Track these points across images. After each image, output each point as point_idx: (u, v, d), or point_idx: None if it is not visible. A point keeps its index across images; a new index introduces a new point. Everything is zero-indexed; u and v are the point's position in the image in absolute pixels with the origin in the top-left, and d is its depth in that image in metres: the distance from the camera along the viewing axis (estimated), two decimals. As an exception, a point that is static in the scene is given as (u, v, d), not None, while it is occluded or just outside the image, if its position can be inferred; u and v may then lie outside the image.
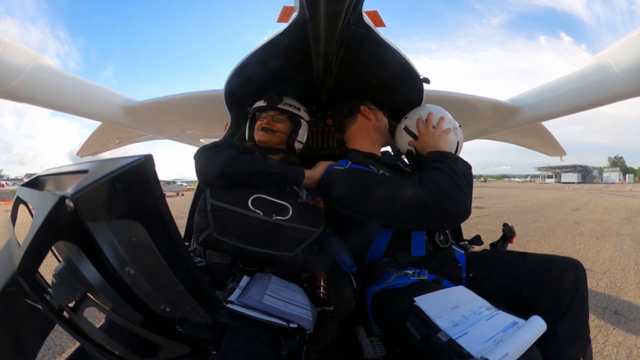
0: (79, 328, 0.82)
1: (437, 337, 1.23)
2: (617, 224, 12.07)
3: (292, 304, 1.64)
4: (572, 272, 1.59)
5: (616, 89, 2.70)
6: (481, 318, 1.32)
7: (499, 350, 1.10)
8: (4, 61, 2.60)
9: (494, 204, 21.61)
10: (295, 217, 1.81)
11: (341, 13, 1.35)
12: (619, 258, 6.73)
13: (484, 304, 1.45)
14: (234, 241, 1.73)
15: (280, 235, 1.78)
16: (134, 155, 0.72)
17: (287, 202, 1.84)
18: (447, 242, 1.89)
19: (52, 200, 0.63)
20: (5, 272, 0.89)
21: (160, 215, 0.75)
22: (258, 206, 1.78)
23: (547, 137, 5.22)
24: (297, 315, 1.57)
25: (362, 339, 2.01)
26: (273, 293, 1.65)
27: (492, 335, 1.20)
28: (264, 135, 2.16)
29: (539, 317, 1.26)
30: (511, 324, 1.25)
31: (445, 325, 1.28)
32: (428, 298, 1.49)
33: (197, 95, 3.51)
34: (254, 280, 1.73)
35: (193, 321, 0.91)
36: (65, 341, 3.37)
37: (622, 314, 4.04)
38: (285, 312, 1.54)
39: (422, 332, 1.31)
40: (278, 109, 2.20)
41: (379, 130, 2.27)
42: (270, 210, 1.78)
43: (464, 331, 1.24)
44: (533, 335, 1.19)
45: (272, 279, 1.80)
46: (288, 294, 1.73)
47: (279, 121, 2.21)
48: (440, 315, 1.35)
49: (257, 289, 1.63)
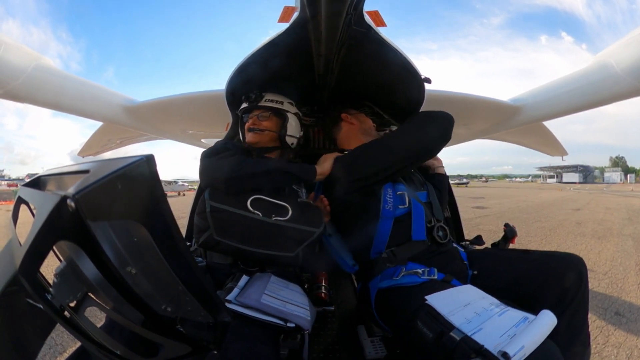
0: (80, 327, 0.83)
1: (450, 335, 1.24)
2: (618, 224, 12.05)
3: (291, 304, 1.64)
4: (574, 268, 1.60)
5: (617, 88, 2.70)
6: (493, 314, 1.33)
7: (515, 344, 1.11)
8: (5, 62, 2.61)
9: (495, 204, 21.60)
10: (295, 218, 1.81)
11: (342, 13, 1.35)
12: (621, 258, 6.72)
13: (494, 301, 1.46)
14: (234, 242, 1.73)
15: (280, 236, 1.78)
16: (135, 156, 0.73)
17: (286, 203, 1.84)
18: (445, 238, 1.92)
19: (53, 200, 0.63)
20: (7, 272, 0.89)
21: (162, 215, 0.75)
22: (257, 207, 1.77)
23: (548, 137, 5.21)
24: (295, 315, 1.56)
25: (363, 339, 2.01)
26: (272, 292, 1.65)
27: (505, 330, 1.21)
28: (253, 136, 2.12)
29: (549, 311, 1.28)
30: (522, 318, 1.27)
31: (458, 322, 1.29)
32: (439, 296, 1.50)
33: (198, 96, 3.51)
34: (253, 279, 1.74)
35: (194, 321, 0.91)
36: (67, 340, 3.37)
37: (623, 314, 4.03)
38: (283, 311, 1.55)
39: (434, 330, 1.32)
40: (260, 107, 2.15)
41: (365, 132, 2.32)
42: (270, 211, 1.78)
43: (477, 327, 1.25)
44: (546, 329, 1.21)
45: (271, 279, 1.80)
46: (287, 293, 1.73)
47: (264, 119, 2.15)
48: (452, 312, 1.36)
49: (255, 288, 1.64)
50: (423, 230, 1.89)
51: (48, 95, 3.21)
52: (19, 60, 2.76)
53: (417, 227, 1.88)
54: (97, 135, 5.36)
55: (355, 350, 1.99)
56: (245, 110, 2.19)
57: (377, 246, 1.89)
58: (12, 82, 2.73)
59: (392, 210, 1.86)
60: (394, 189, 1.93)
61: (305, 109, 2.78)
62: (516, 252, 1.88)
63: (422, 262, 1.80)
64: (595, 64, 2.92)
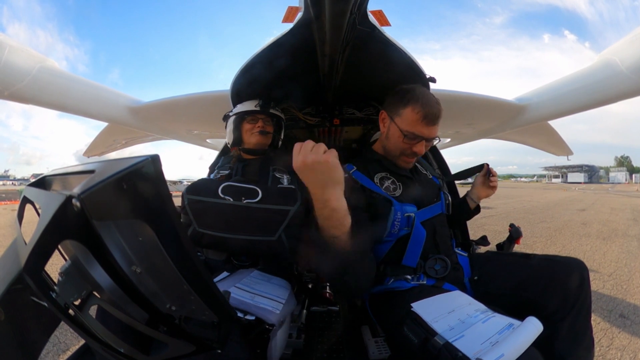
0: (84, 325, 0.83)
1: (434, 341, 1.26)
2: (623, 224, 11.97)
3: (262, 296, 1.59)
4: (576, 273, 1.59)
5: (623, 86, 2.69)
6: (477, 321, 1.34)
7: (494, 351, 1.11)
8: (10, 64, 2.63)
9: (501, 204, 21.50)
10: (265, 198, 1.86)
11: (346, 13, 1.34)
12: (626, 260, 6.66)
13: (480, 307, 1.47)
14: (215, 231, 1.80)
15: (254, 218, 1.82)
16: (140, 156, 0.73)
17: (255, 186, 1.90)
18: (444, 272, 1.80)
19: (58, 199, 0.63)
20: (12, 270, 0.90)
21: (167, 214, 0.75)
22: (227, 193, 1.86)
23: (553, 137, 5.20)
24: (260, 307, 1.50)
25: (367, 339, 2.01)
26: (245, 285, 1.65)
27: (488, 337, 1.22)
28: (262, 137, 2.22)
29: (534, 317, 1.27)
30: (507, 325, 1.27)
31: (441, 329, 1.31)
32: (424, 303, 1.52)
33: (203, 96, 3.53)
34: (233, 274, 1.78)
35: (198, 320, 0.91)
36: (70, 338, 3.39)
37: (628, 316, 3.99)
38: (246, 303, 1.49)
39: (419, 336, 1.34)
40: (270, 114, 2.27)
41: (384, 148, 2.01)
42: (239, 195, 1.85)
43: (460, 334, 1.26)
44: (529, 336, 1.20)
45: (252, 273, 1.82)
46: (264, 286, 1.71)
47: (268, 124, 2.27)
48: (436, 319, 1.37)
49: (228, 281, 1.67)
50: (416, 257, 1.80)
51: (53, 97, 3.23)
52: (23, 63, 2.78)
53: (411, 253, 1.79)
54: (103, 135, 5.40)
55: (359, 350, 1.99)
56: (252, 113, 2.24)
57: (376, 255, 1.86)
58: (17, 83, 2.75)
59: (396, 233, 1.79)
60: (402, 210, 1.79)
61: (310, 109, 2.78)
62: (517, 257, 1.87)
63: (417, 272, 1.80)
64: (599, 62, 2.91)
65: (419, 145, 1.85)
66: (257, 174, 2.09)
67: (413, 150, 1.86)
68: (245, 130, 2.23)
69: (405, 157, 1.92)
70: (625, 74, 2.58)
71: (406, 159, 1.94)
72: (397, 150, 1.91)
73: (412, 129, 1.80)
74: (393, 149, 1.93)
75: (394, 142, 1.90)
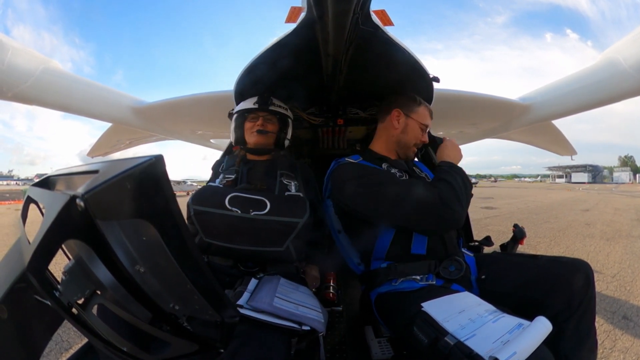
0: (87, 324, 0.83)
1: (445, 341, 1.27)
2: (627, 225, 11.91)
3: (303, 306, 1.62)
4: (581, 274, 1.60)
5: (626, 85, 2.68)
6: (487, 321, 1.35)
7: (506, 349, 1.12)
8: (13, 65, 2.65)
9: (505, 204, 21.45)
10: (274, 210, 1.83)
11: (349, 12, 1.34)
12: (629, 261, 6.62)
13: (489, 307, 1.47)
14: (222, 242, 1.79)
15: (262, 230, 1.80)
16: (144, 156, 0.73)
17: (264, 197, 1.87)
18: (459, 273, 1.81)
19: (62, 199, 0.64)
20: (16, 269, 0.90)
21: (171, 214, 0.75)
22: (235, 204, 1.81)
23: (557, 136, 5.19)
24: (309, 317, 1.54)
25: (370, 339, 2.01)
26: (283, 295, 1.63)
27: (499, 336, 1.22)
28: (260, 137, 2.13)
29: (544, 317, 1.28)
30: (517, 325, 1.28)
31: (452, 328, 1.31)
32: (435, 303, 1.53)
33: (207, 96, 3.54)
34: (262, 282, 1.72)
35: (202, 319, 0.91)
36: (73, 337, 3.40)
37: (631, 318, 3.96)
38: (296, 314, 1.52)
39: (430, 336, 1.34)
40: (270, 111, 2.17)
41: (399, 142, 2.14)
42: (247, 207, 1.82)
43: (471, 333, 1.27)
44: (539, 335, 1.21)
45: (280, 281, 1.78)
46: (298, 296, 1.71)
47: (270, 122, 2.19)
48: (447, 319, 1.38)
49: (266, 291, 1.62)
50: (424, 243, 1.84)
51: (56, 97, 3.25)
52: (26, 64, 2.80)
53: (419, 239, 1.84)
54: (106, 136, 5.42)
55: (362, 350, 1.99)
56: (250, 111, 2.19)
57: (378, 252, 1.89)
58: (20, 84, 2.77)
59: None
60: None
61: (313, 109, 2.78)
62: (524, 257, 1.88)
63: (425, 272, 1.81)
64: (602, 61, 2.90)
65: (425, 134, 2.18)
66: (263, 179, 2.05)
67: (422, 140, 2.16)
68: (247, 129, 2.18)
69: (416, 146, 2.18)
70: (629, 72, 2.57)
71: (414, 149, 2.20)
72: (413, 140, 2.14)
73: (426, 121, 2.14)
74: (410, 139, 2.14)
75: (413, 134, 2.13)
